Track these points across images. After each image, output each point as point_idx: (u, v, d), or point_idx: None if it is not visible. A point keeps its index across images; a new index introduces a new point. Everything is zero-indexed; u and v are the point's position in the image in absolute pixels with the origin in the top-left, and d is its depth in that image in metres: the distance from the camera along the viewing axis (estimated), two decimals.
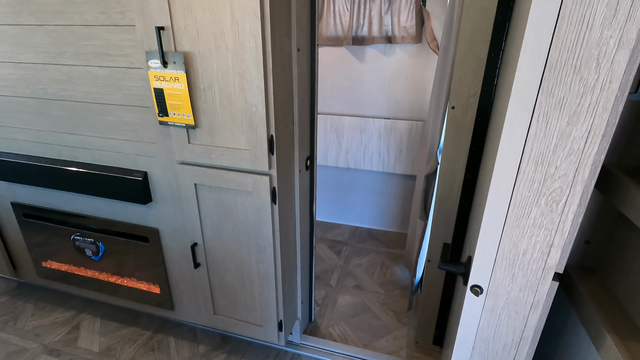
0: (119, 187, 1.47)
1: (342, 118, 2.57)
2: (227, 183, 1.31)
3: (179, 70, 1.18)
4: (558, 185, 0.63)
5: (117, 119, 1.40)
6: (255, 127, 1.19)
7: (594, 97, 0.56)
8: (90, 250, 1.74)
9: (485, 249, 0.73)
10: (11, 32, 1.38)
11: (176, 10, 1.13)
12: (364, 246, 2.66)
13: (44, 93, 1.45)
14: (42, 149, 1.57)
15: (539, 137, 0.61)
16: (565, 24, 0.54)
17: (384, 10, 2.24)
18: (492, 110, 1.19)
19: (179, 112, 1.24)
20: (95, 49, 1.30)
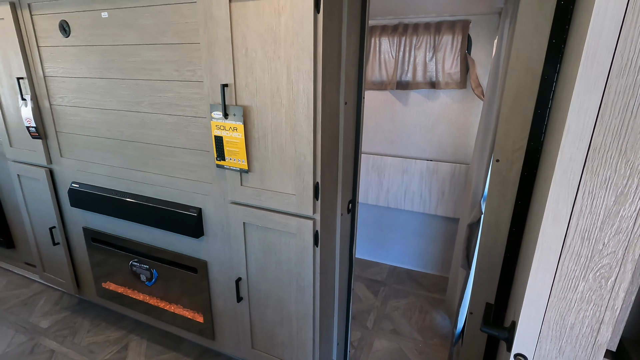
0: (175, 221, 1.61)
1: (384, 158, 2.62)
2: (273, 224, 1.39)
3: (238, 121, 1.31)
4: (607, 262, 0.62)
5: (179, 160, 1.56)
6: (303, 174, 1.28)
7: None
8: (145, 276, 1.88)
9: (529, 318, 0.72)
10: (100, 84, 1.62)
11: (239, 70, 1.27)
12: (403, 288, 2.60)
13: (120, 135, 1.66)
14: (113, 182, 1.77)
15: (585, 214, 0.62)
16: (609, 110, 0.57)
17: (428, 58, 2.32)
18: (540, 167, 1.18)
19: (234, 157, 1.37)
20: (167, 100, 1.49)
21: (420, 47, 2.32)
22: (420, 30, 2.28)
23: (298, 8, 1.11)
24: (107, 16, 1.50)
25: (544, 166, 1.10)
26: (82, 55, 1.62)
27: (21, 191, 2.13)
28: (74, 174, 1.89)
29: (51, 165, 1.96)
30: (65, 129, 1.83)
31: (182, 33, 1.37)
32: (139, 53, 1.48)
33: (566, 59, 1.07)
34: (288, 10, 1.13)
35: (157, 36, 1.42)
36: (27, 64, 1.78)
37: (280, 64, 1.20)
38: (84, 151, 1.81)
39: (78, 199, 1.88)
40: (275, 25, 1.17)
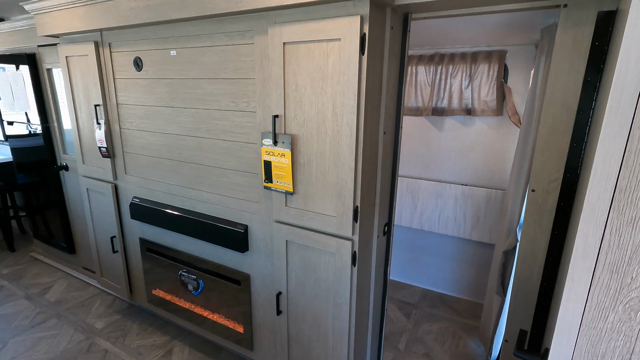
0: (224, 235, 1.76)
1: (418, 181, 2.68)
2: (313, 243, 1.50)
3: (286, 148, 1.45)
4: (636, 295, 0.67)
5: (230, 180, 1.72)
6: (344, 198, 1.38)
7: None
8: (192, 285, 2.04)
9: (561, 345, 0.76)
10: (165, 111, 1.84)
11: (289, 104, 1.42)
12: (435, 312, 2.59)
13: (179, 156, 1.86)
14: (170, 199, 1.97)
15: (613, 249, 0.67)
16: (632, 157, 0.63)
17: (464, 86, 2.39)
18: (576, 199, 1.21)
19: (281, 180, 1.50)
20: (223, 127, 1.67)
21: (456, 75, 2.39)
22: (456, 60, 2.36)
23: (345, 51, 1.25)
24: (175, 54, 1.72)
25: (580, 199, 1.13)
26: (151, 86, 1.85)
27: (88, 203, 2.40)
28: (135, 189, 2.12)
29: (116, 181, 2.21)
30: (131, 150, 2.06)
31: (239, 69, 1.55)
32: (201, 86, 1.68)
33: (601, 96, 1.11)
34: (336, 52, 1.27)
35: (218, 72, 1.61)
36: (103, 93, 2.05)
37: (326, 99, 1.33)
38: (145, 170, 2.03)
39: (137, 212, 2.10)
40: (323, 65, 1.31)
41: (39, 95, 2.64)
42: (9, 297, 2.77)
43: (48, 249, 3.26)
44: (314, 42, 1.31)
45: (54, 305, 2.66)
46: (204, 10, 1.46)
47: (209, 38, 1.60)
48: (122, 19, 1.71)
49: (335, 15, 1.25)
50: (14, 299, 2.74)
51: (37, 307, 2.64)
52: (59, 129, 2.68)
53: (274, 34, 1.38)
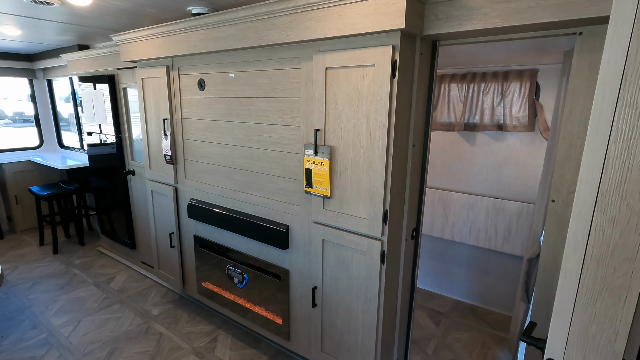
0: (268, 234, 2.00)
1: (450, 193, 2.78)
2: (347, 242, 1.69)
3: (325, 158, 1.67)
4: (619, 283, 0.79)
5: (275, 185, 1.96)
6: (375, 202, 1.56)
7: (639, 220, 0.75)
8: (237, 279, 2.29)
9: (558, 328, 0.89)
10: (223, 125, 2.14)
11: (329, 119, 1.64)
12: (465, 322, 2.64)
13: (232, 164, 2.15)
14: (222, 201, 2.25)
15: (598, 243, 0.81)
16: (610, 166, 0.77)
17: (496, 103, 2.49)
18: None
19: (320, 186, 1.72)
20: (271, 139, 1.92)
21: (488, 92, 2.51)
22: (488, 78, 2.48)
23: (378, 75, 1.45)
24: (233, 77, 2.02)
25: None
26: (211, 103, 2.17)
27: (152, 204, 2.76)
28: (193, 192, 2.44)
29: (177, 185, 2.54)
30: (191, 157, 2.39)
31: (287, 90, 1.81)
32: (254, 103, 1.96)
33: None
34: (370, 76, 1.48)
35: (269, 92, 1.88)
36: (171, 109, 2.41)
37: (361, 116, 1.54)
38: (202, 175, 2.34)
39: (194, 212, 2.40)
40: (359, 87, 1.52)
41: (115, 110, 3.09)
42: (81, 283, 3.20)
43: (112, 244, 3.71)
44: (352, 68, 1.53)
45: (118, 293, 3.04)
46: (261, 41, 1.74)
47: (262, 63, 1.88)
48: (191, 48, 2.05)
49: (370, 45, 1.47)
50: (84, 285, 3.16)
51: (103, 293, 3.03)
52: (129, 139, 3.11)
53: (318, 61, 1.62)
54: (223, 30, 1.88)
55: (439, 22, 1.42)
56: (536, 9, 1.23)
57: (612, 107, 0.76)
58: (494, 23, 1.30)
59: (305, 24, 1.57)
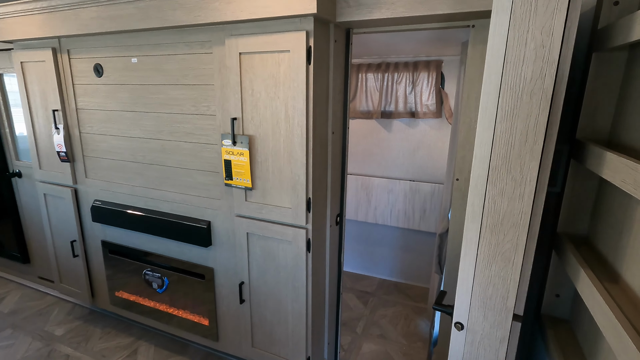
0: (187, 232, 1.87)
1: (371, 179, 2.91)
2: (272, 233, 1.65)
3: (244, 148, 1.60)
4: (507, 247, 0.90)
5: (193, 180, 1.83)
6: (297, 191, 1.55)
7: (522, 190, 0.85)
8: (157, 284, 2.11)
9: (463, 292, 0.98)
10: (127, 116, 1.92)
11: (246, 107, 1.58)
12: (390, 298, 2.82)
13: (142, 159, 1.94)
14: (133, 200, 2.04)
15: (491, 213, 0.90)
16: (498, 144, 0.86)
17: (408, 91, 2.66)
18: None
19: (240, 177, 1.65)
20: (185, 130, 1.78)
21: (401, 82, 2.66)
22: (400, 68, 2.63)
23: (294, 61, 1.42)
24: (137, 61, 1.81)
25: None
26: (113, 92, 1.92)
27: (46, 209, 2.38)
28: (97, 192, 2.16)
29: (76, 185, 2.23)
30: (92, 154, 2.11)
31: (200, 76, 1.68)
32: (163, 91, 1.79)
33: None
34: (286, 62, 1.45)
35: (180, 78, 1.73)
36: (62, 99, 2.08)
37: (279, 103, 1.50)
38: (107, 172, 2.08)
39: (99, 215, 2.13)
40: (275, 73, 1.48)
41: None
42: None
43: None
44: (267, 53, 1.48)
45: (8, 316, 2.58)
46: (166, 22, 1.58)
47: (170, 47, 1.72)
48: (83, 28, 1.78)
49: (284, 30, 1.43)
50: None
51: None
52: (10, 136, 2.63)
53: (231, 45, 1.53)
54: (120, 8, 1.66)
55: (350, 10, 1.44)
56: (436, 1, 1.31)
57: (497, 89, 0.85)
58: (401, 12, 1.36)
59: (214, 5, 1.46)
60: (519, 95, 0.82)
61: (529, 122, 0.81)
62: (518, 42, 0.80)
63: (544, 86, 0.79)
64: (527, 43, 0.79)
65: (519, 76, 0.81)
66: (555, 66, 0.77)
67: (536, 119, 0.81)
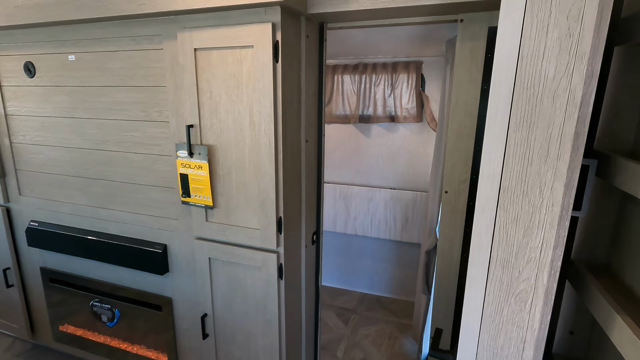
0: (140, 258, 1.60)
1: (350, 187, 2.73)
2: (238, 258, 1.42)
3: (202, 160, 1.37)
4: (523, 287, 0.72)
5: (145, 196, 1.57)
6: (266, 209, 1.33)
7: (541, 216, 0.68)
8: (106, 316, 1.82)
9: (468, 339, 0.80)
10: (66, 123, 1.64)
11: (204, 113, 1.34)
12: (373, 315, 2.64)
13: (85, 173, 1.66)
14: (77, 220, 1.75)
15: (502, 245, 0.72)
16: (511, 158, 0.68)
17: (387, 94, 2.50)
18: None
19: (200, 194, 1.41)
20: (134, 139, 1.53)
21: (379, 84, 2.50)
22: (378, 69, 2.47)
23: (259, 58, 1.21)
24: (75, 59, 1.54)
25: None
26: (48, 95, 1.64)
27: None
28: (33, 212, 1.85)
29: (8, 204, 1.91)
30: (26, 167, 1.80)
31: (149, 77, 1.43)
32: (108, 94, 1.52)
33: None
34: (250, 59, 1.23)
35: (126, 79, 1.48)
36: None
37: (243, 107, 1.28)
38: (45, 189, 1.78)
39: (37, 238, 1.83)
40: (237, 73, 1.26)
41: None
42: None
43: None
44: (227, 49, 1.26)
45: None
46: (105, 12, 1.33)
47: (114, 42, 1.46)
48: (5, 19, 1.49)
49: (247, 22, 1.21)
50: None
51: None
52: None
53: (184, 40, 1.30)
54: None
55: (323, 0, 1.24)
56: None
57: (509, 91, 0.67)
58: (381, 3, 1.18)
59: None
60: (538, 98, 0.64)
61: (551, 132, 0.64)
62: (537, 31, 0.62)
63: (570, 86, 0.62)
64: (548, 32, 0.62)
65: (538, 74, 0.64)
66: (585, 60, 0.60)
67: (560, 127, 0.63)
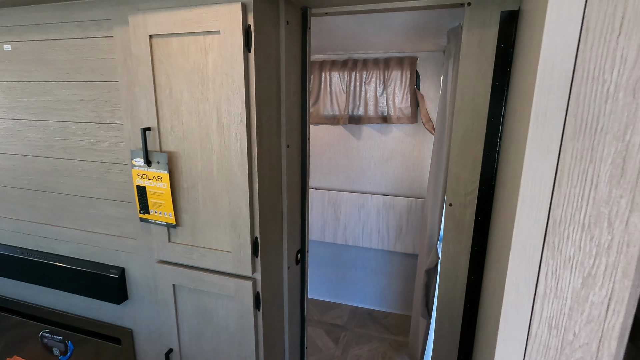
0: (94, 284, 1.36)
1: (340, 193, 2.52)
2: (208, 286, 1.20)
3: (162, 170, 1.14)
4: (580, 355, 0.52)
5: (99, 212, 1.34)
6: (239, 229, 1.11)
7: (610, 259, 0.48)
8: (59, 349, 1.57)
9: None
10: (3, 125, 1.39)
11: (163, 112, 1.12)
12: (365, 331, 2.44)
13: (28, 184, 1.42)
14: (19, 239, 1.50)
15: (550, 298, 0.52)
16: (567, 177, 0.48)
17: (379, 93, 2.30)
18: (493, 212, 1.11)
19: (160, 210, 1.18)
20: (83, 144, 1.29)
21: (371, 81, 2.30)
22: (369, 66, 2.27)
23: (227, 47, 0.99)
24: (11, 49, 1.29)
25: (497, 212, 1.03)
26: None
27: None
28: None
29: None
30: None
31: (99, 70, 1.20)
32: (51, 91, 1.28)
33: (510, 101, 1.03)
34: (216, 48, 1.01)
35: (71, 73, 1.24)
36: None
37: (209, 107, 1.06)
38: None
39: None
40: (202, 65, 1.04)
41: None
42: None
43: None
44: (189, 35, 1.03)
45: None
46: None
47: (56, 29, 1.22)
48: None
49: (212, 2, 0.99)
50: None
51: None
52: None
53: (137, 24, 1.07)
54: None
55: None
56: None
57: (565, 83, 0.47)
58: None
59: None
60: (610, 91, 0.44)
61: (629, 140, 0.44)
62: None
63: None
64: None
65: (610, 56, 0.44)
66: None
67: None
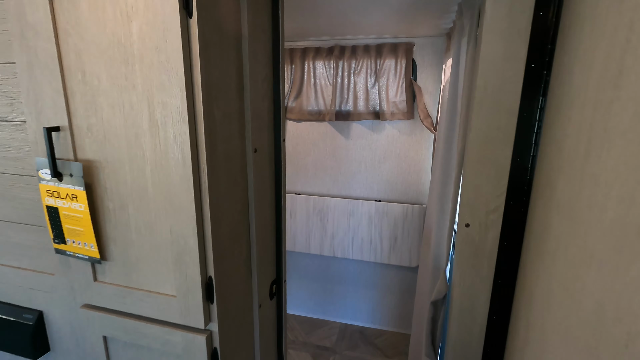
0: (3, 332, 1.04)
1: (326, 199, 2.23)
2: (148, 340, 0.89)
3: (77, 185, 0.82)
4: None
5: (5, 239, 1.01)
6: (185, 265, 0.81)
7: None
8: None
9: None
10: None
11: (76, 106, 0.80)
12: (356, 355, 2.17)
13: None
14: None
15: None
16: None
17: (370, 84, 2.01)
18: (526, 236, 0.84)
19: (79, 240, 0.87)
20: None
21: (361, 72, 2.01)
22: (359, 53, 1.98)
23: (157, 9, 0.68)
24: None
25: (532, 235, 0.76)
26: None
27: None
28: None
29: None
30: None
31: None
32: None
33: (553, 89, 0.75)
34: (141, 12, 0.70)
35: None
36: None
37: (136, 97, 0.75)
38: None
39: None
40: (124, 36, 0.72)
41: None
42: None
43: None
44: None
45: None
46: None
47: None
48: None
49: None
50: None
51: None
52: None
53: None
54: None
55: None
56: None
57: None
58: None
59: None
60: None
61: None
62: None
63: None
64: None
65: None
66: None
67: None
